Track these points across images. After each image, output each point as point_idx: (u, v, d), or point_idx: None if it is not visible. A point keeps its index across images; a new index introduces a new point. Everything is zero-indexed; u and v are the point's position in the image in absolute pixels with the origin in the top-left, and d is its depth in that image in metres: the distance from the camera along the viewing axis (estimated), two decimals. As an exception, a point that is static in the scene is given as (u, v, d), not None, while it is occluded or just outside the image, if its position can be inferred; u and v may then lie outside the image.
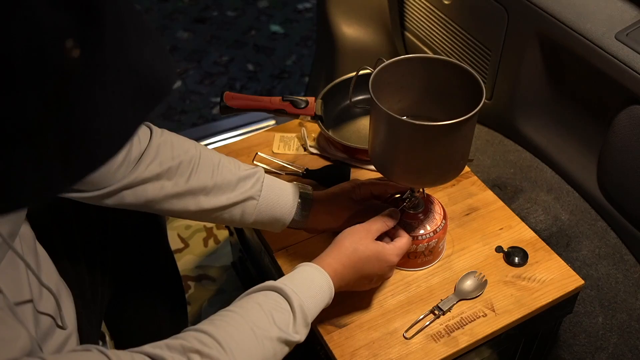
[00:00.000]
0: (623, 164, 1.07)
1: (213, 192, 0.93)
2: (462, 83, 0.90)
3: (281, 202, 0.97)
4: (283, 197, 0.97)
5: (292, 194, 0.98)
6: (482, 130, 1.41)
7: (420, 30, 1.51)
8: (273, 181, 0.98)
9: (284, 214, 0.97)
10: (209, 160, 0.94)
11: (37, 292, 0.81)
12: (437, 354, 0.93)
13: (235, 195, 0.94)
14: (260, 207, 0.96)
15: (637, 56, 1.00)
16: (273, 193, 0.97)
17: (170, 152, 0.90)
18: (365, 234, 0.91)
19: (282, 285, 0.82)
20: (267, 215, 0.97)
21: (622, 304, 1.13)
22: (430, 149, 0.87)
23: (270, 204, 0.96)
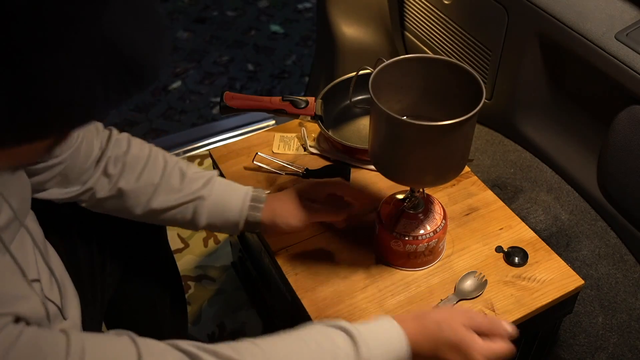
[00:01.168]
0: (623, 164, 1.07)
1: (162, 191, 0.94)
2: (462, 83, 0.90)
3: (232, 202, 0.97)
4: (233, 197, 0.97)
5: (242, 195, 0.98)
6: (482, 130, 1.41)
7: (420, 30, 1.51)
8: (224, 183, 0.99)
9: (234, 215, 0.97)
10: (159, 161, 0.95)
11: (46, 279, 0.81)
12: (437, 354, 0.93)
13: (184, 195, 0.94)
14: (210, 207, 0.96)
15: (637, 56, 1.00)
16: (223, 193, 0.97)
17: (124, 151, 0.94)
18: (461, 316, 0.81)
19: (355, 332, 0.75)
20: (219, 216, 0.97)
21: (622, 304, 1.13)
22: (430, 149, 0.87)
23: (220, 204, 0.96)
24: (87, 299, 1.00)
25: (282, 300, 1.14)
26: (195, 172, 0.97)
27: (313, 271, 1.05)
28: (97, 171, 0.92)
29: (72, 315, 0.87)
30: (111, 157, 0.93)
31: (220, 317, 1.55)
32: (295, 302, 1.02)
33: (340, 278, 1.04)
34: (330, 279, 1.03)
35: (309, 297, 1.01)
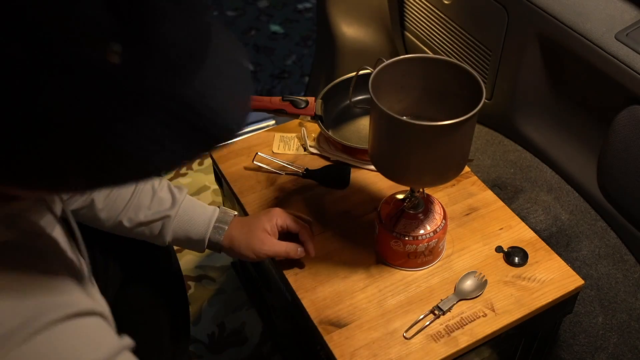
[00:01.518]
0: (623, 164, 1.07)
1: (132, 208, 0.98)
2: (462, 83, 0.90)
3: (196, 224, 1.00)
4: (199, 219, 1.01)
5: (208, 215, 1.01)
6: (482, 130, 1.41)
7: (420, 30, 1.51)
8: (191, 203, 1.02)
9: (199, 235, 1.00)
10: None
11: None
12: (437, 354, 0.93)
13: (152, 214, 0.98)
14: (176, 227, 1.00)
15: (637, 56, 1.00)
16: (189, 214, 1.01)
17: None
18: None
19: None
20: (183, 235, 1.01)
21: (622, 304, 1.13)
22: (430, 149, 0.87)
23: (185, 225, 1.00)
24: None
25: (282, 300, 1.14)
26: (166, 191, 1.01)
27: (313, 271, 1.05)
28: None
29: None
30: None
31: (220, 317, 1.55)
32: (295, 302, 1.02)
33: (340, 278, 1.04)
34: (330, 279, 1.03)
35: (309, 297, 1.01)
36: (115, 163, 0.46)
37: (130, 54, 0.42)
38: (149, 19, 0.42)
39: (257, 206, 1.17)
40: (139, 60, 0.43)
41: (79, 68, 0.41)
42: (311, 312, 0.99)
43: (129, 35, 0.42)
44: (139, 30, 0.42)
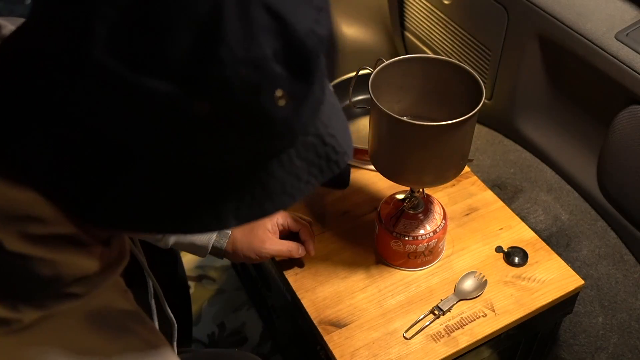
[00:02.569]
0: (623, 164, 1.07)
1: None
2: (462, 83, 0.90)
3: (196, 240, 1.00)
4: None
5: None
6: (482, 130, 1.41)
7: (420, 30, 1.51)
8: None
9: (202, 241, 1.00)
10: None
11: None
12: (437, 354, 0.93)
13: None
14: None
15: (637, 56, 1.00)
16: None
17: None
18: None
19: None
20: (186, 240, 1.00)
21: (622, 304, 1.13)
22: (430, 149, 0.87)
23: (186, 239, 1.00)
24: None
25: (282, 300, 1.14)
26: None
27: (313, 271, 1.05)
28: None
29: None
30: None
31: (220, 317, 1.55)
32: (295, 302, 1.02)
33: (340, 278, 1.04)
34: (330, 279, 1.03)
35: (309, 297, 1.01)
36: (264, 199, 0.48)
37: (293, 97, 0.44)
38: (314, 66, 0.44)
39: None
40: (300, 101, 0.45)
41: (253, 116, 0.43)
42: (311, 312, 0.99)
43: (295, 80, 0.43)
44: (304, 77, 0.44)
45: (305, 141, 0.49)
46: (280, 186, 0.48)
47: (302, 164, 0.49)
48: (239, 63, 0.40)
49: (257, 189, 0.47)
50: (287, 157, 0.48)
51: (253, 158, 0.46)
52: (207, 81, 0.40)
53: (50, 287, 0.47)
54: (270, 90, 0.42)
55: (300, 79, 0.44)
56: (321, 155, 0.50)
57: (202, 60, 0.39)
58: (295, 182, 0.49)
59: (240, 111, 0.42)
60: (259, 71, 0.41)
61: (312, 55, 0.44)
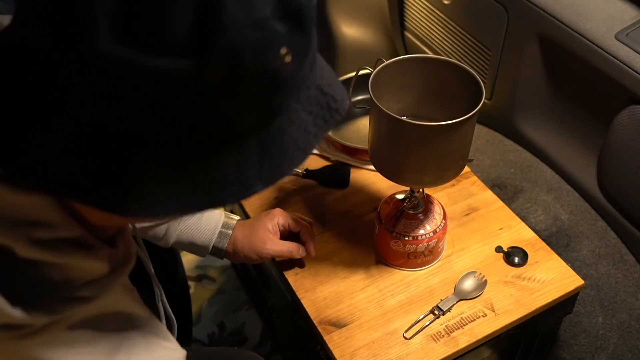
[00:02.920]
0: (623, 164, 1.07)
1: None
2: (462, 83, 0.90)
3: (202, 228, 0.98)
4: (205, 223, 0.99)
5: (215, 222, 1.00)
6: (482, 130, 1.41)
7: (420, 30, 1.51)
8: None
9: (203, 241, 0.99)
10: None
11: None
12: (437, 354, 0.93)
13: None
14: (181, 230, 0.98)
15: (637, 56, 1.00)
16: (196, 217, 0.99)
17: None
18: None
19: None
20: (187, 239, 0.99)
21: (622, 304, 1.13)
22: (430, 149, 0.87)
23: (190, 228, 0.98)
24: None
25: (282, 300, 1.14)
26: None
27: (313, 271, 1.05)
28: None
29: None
30: None
31: (220, 317, 1.55)
32: (295, 302, 1.02)
33: (340, 278, 1.04)
34: (330, 279, 1.03)
35: (309, 297, 1.01)
36: (282, 158, 0.48)
37: (296, 52, 0.45)
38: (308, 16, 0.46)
39: (257, 206, 1.17)
40: (302, 55, 0.46)
41: (263, 76, 0.43)
42: (311, 312, 0.99)
43: (296, 35, 0.44)
44: (302, 29, 0.45)
45: (308, 94, 0.50)
46: (293, 142, 0.49)
47: (309, 117, 0.50)
48: (244, 27, 0.40)
49: (274, 149, 0.47)
50: (294, 112, 0.49)
51: (266, 118, 0.47)
52: (216, 50, 0.40)
53: (60, 291, 0.47)
54: (276, 48, 0.43)
55: (299, 32, 0.45)
56: (323, 105, 0.51)
57: (208, 31, 0.40)
58: (305, 136, 0.49)
59: (251, 74, 0.42)
60: (264, 32, 0.42)
61: (304, 5, 0.45)
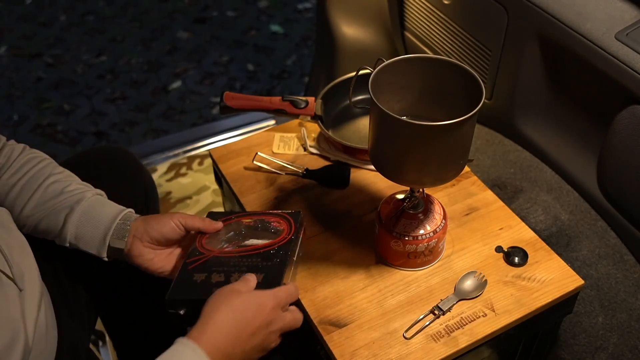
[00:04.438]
0: (623, 164, 1.07)
1: (36, 198, 0.92)
2: (462, 83, 0.90)
3: (104, 212, 0.92)
4: (107, 210, 0.93)
5: (117, 209, 0.94)
6: (482, 130, 1.41)
7: (420, 30, 1.51)
8: (101, 198, 0.95)
9: (105, 223, 0.91)
10: (42, 172, 0.94)
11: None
12: (437, 354, 0.93)
13: (56, 202, 0.91)
14: (81, 215, 0.91)
15: (637, 56, 1.00)
16: (98, 205, 0.93)
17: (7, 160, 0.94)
18: (231, 293, 0.79)
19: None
20: (88, 224, 0.91)
21: (622, 304, 1.13)
22: (430, 149, 0.87)
23: (91, 213, 0.91)
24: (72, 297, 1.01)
25: (282, 300, 1.14)
26: (77, 187, 0.94)
27: (313, 271, 1.05)
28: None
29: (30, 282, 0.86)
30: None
31: (220, 317, 1.55)
32: (295, 302, 1.02)
33: (340, 278, 1.04)
34: (330, 279, 1.03)
35: (309, 297, 1.01)
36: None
37: None
38: None
39: (257, 206, 1.17)
40: None
41: None
42: (311, 312, 0.99)
43: None
44: None
45: None
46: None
47: None
48: None
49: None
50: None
51: None
52: None
53: None
54: None
55: None
56: None
57: None
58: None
59: None
60: None
61: None
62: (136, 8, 2.93)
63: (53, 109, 2.41)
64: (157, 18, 2.86)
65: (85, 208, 0.92)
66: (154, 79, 2.53)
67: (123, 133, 2.27)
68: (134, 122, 2.32)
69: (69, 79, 2.55)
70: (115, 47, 2.71)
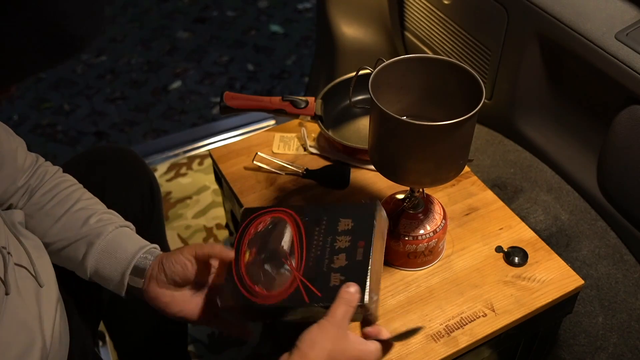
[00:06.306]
0: (623, 164, 1.07)
1: (60, 226, 0.90)
2: (462, 83, 0.90)
3: (127, 245, 0.88)
4: (130, 241, 0.89)
5: (141, 242, 0.89)
6: (482, 130, 1.41)
7: (420, 30, 1.51)
8: (126, 230, 0.91)
9: (123, 267, 0.86)
10: (70, 198, 0.92)
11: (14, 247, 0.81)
12: (437, 354, 0.93)
13: (79, 233, 0.89)
14: (102, 248, 0.87)
15: (637, 56, 1.00)
16: (121, 236, 0.89)
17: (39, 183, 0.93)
18: (337, 331, 0.72)
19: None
20: (109, 257, 0.87)
21: (622, 304, 1.13)
22: (430, 149, 0.87)
23: (113, 246, 0.88)
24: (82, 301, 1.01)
25: (282, 300, 1.14)
26: (105, 217, 0.91)
27: (313, 271, 1.05)
28: (15, 197, 0.92)
29: (48, 282, 0.85)
30: (31, 185, 0.93)
31: (220, 317, 1.55)
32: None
33: (340, 278, 1.03)
34: (330, 279, 1.03)
35: (309, 297, 1.01)
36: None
37: None
38: None
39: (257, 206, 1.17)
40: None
41: None
42: (311, 312, 0.99)
43: None
44: None
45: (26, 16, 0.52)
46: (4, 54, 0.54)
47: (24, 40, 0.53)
48: None
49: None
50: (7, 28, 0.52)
51: None
52: None
53: None
54: None
55: None
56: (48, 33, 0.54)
57: None
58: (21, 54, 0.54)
59: None
60: None
61: None
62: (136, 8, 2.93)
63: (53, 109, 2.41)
64: (157, 18, 2.86)
65: (104, 245, 0.87)
66: (154, 79, 2.53)
67: (123, 133, 2.27)
68: (134, 122, 2.32)
69: (68, 79, 2.55)
70: (115, 47, 2.71)
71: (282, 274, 0.81)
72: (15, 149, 0.91)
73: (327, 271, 0.80)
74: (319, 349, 0.70)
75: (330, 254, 0.81)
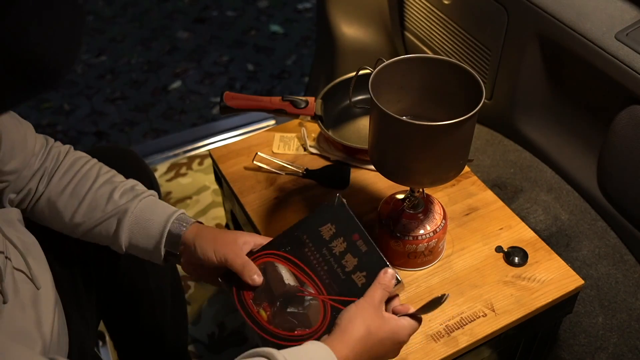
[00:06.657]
0: (623, 164, 1.07)
1: (86, 205, 0.91)
2: (462, 83, 0.90)
3: (156, 215, 0.90)
4: (159, 211, 0.91)
5: (170, 210, 0.91)
6: (482, 130, 1.41)
7: (420, 30, 1.51)
8: (153, 199, 0.93)
9: (158, 225, 0.89)
10: (90, 175, 0.93)
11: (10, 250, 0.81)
12: (437, 354, 0.93)
13: (107, 209, 0.90)
14: (133, 220, 0.90)
15: (637, 56, 1.00)
16: (150, 206, 0.91)
17: (56, 163, 0.94)
18: (374, 311, 0.77)
19: (280, 356, 0.71)
20: (141, 229, 0.90)
21: (622, 304, 1.13)
22: (430, 149, 0.87)
23: (143, 217, 0.90)
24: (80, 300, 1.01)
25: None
26: (127, 188, 0.93)
27: (313, 271, 1.05)
28: (33, 181, 0.92)
29: (45, 285, 0.85)
30: (47, 168, 0.93)
31: (220, 317, 1.55)
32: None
33: (340, 278, 1.04)
34: (330, 279, 1.03)
35: (309, 297, 1.01)
36: None
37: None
38: None
39: (257, 206, 1.17)
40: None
41: None
42: (311, 312, 0.99)
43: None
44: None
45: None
46: None
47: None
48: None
49: None
50: None
51: None
52: None
53: None
54: None
55: None
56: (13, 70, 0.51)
57: None
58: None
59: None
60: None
61: None
62: (136, 8, 2.93)
63: (53, 109, 2.41)
64: (157, 18, 2.86)
65: (133, 220, 0.90)
66: (153, 79, 2.53)
67: (123, 133, 2.27)
68: (134, 122, 2.32)
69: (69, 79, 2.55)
70: (115, 47, 2.71)
71: (310, 306, 0.81)
72: (24, 134, 0.91)
73: (346, 278, 0.81)
74: (358, 323, 0.76)
75: (336, 261, 0.82)
